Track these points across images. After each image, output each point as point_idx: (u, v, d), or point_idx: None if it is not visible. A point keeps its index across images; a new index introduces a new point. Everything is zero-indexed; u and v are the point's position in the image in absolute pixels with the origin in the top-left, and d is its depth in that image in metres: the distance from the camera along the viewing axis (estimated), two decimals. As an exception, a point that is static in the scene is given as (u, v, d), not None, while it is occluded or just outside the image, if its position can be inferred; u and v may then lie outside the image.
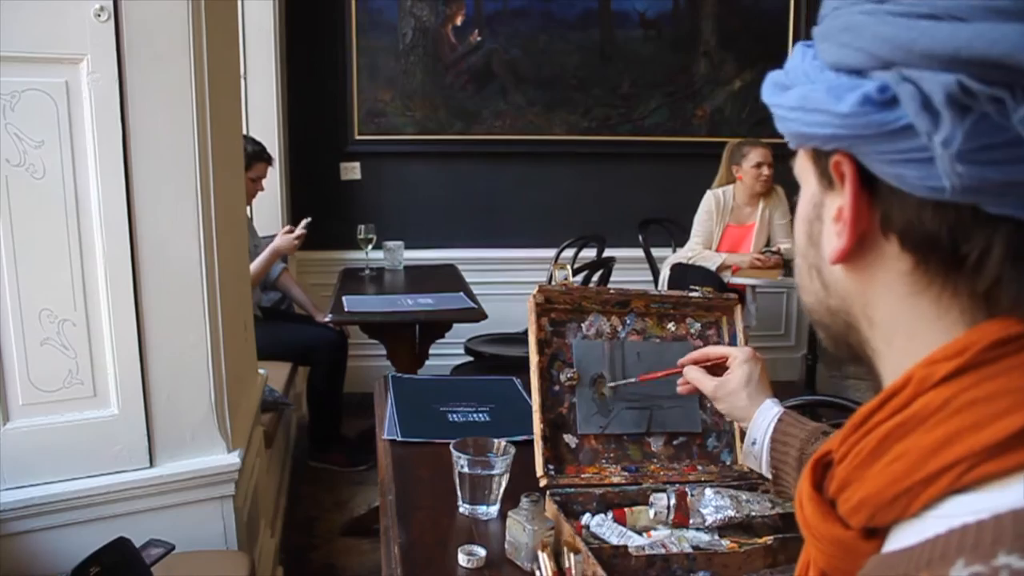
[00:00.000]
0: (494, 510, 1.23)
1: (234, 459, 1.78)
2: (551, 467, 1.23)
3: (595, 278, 3.64)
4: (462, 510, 1.24)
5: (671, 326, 1.35)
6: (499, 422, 1.61)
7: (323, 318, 3.30)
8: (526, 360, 1.29)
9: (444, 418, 1.62)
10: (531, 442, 1.25)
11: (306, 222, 3.30)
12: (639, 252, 4.08)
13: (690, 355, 1.17)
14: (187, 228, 1.67)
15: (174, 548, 1.53)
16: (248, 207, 3.44)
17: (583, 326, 1.32)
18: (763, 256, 3.61)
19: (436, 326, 3.09)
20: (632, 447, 1.29)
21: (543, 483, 1.21)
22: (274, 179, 3.82)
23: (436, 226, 4.31)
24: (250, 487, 1.99)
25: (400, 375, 1.94)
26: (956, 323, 0.43)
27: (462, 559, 1.10)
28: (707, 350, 1.16)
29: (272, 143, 3.69)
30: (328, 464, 3.39)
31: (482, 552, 1.10)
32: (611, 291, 1.33)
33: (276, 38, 3.84)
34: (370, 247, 3.70)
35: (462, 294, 3.19)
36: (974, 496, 0.39)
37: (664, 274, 3.76)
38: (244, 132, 3.00)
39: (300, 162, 4.22)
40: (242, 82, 3.42)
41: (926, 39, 0.39)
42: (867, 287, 0.47)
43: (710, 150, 4.01)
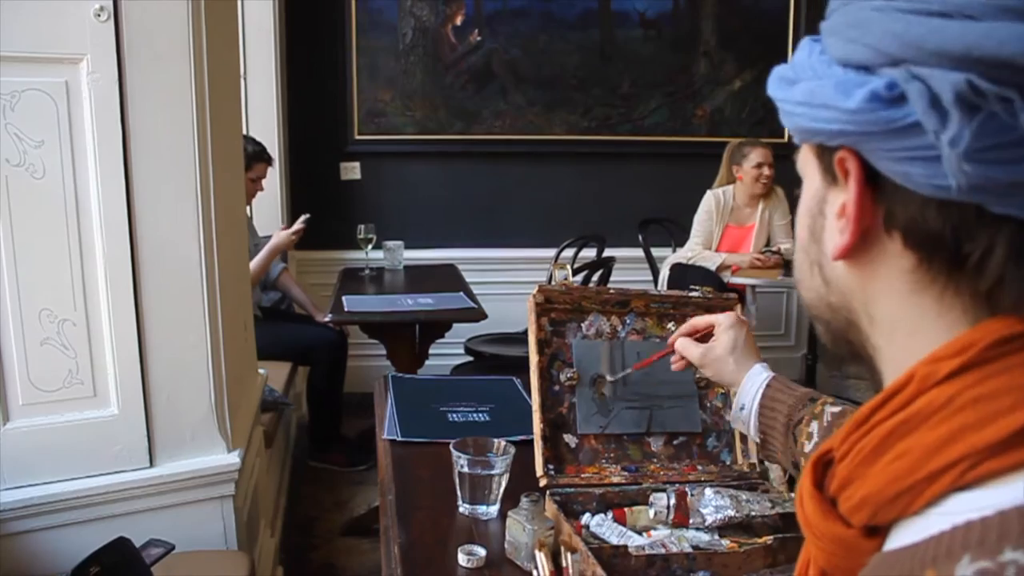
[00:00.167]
0: (494, 510, 1.23)
1: (234, 459, 1.78)
2: (551, 467, 1.23)
3: (595, 278, 3.64)
4: (462, 510, 1.24)
5: (671, 326, 1.35)
6: (499, 422, 1.61)
7: (323, 318, 3.30)
8: (526, 360, 1.29)
9: (444, 418, 1.62)
10: (531, 442, 1.25)
11: (304, 218, 3.30)
12: (639, 252, 4.08)
13: (678, 330, 1.17)
14: (187, 228, 1.67)
15: (174, 548, 1.53)
16: (248, 207, 3.44)
17: (583, 326, 1.32)
18: (763, 256, 3.61)
19: (436, 326, 3.09)
20: (632, 447, 1.29)
21: (543, 483, 1.21)
22: (274, 179, 3.82)
23: (436, 226, 4.31)
24: (250, 487, 1.99)
25: (400, 375, 1.94)
26: (958, 321, 0.43)
27: (462, 559, 1.10)
28: (694, 321, 1.15)
29: (272, 143, 3.69)
30: (328, 464, 3.39)
31: (482, 552, 1.10)
32: (611, 291, 1.33)
33: (276, 38, 3.84)
34: (370, 247, 3.69)
35: (462, 294, 3.18)
36: (978, 493, 0.39)
37: (664, 274, 3.76)
38: (244, 132, 3.01)
39: (300, 162, 4.22)
40: (242, 82, 3.42)
41: (936, 37, 0.39)
42: (868, 284, 0.47)
43: (710, 150, 4.02)
